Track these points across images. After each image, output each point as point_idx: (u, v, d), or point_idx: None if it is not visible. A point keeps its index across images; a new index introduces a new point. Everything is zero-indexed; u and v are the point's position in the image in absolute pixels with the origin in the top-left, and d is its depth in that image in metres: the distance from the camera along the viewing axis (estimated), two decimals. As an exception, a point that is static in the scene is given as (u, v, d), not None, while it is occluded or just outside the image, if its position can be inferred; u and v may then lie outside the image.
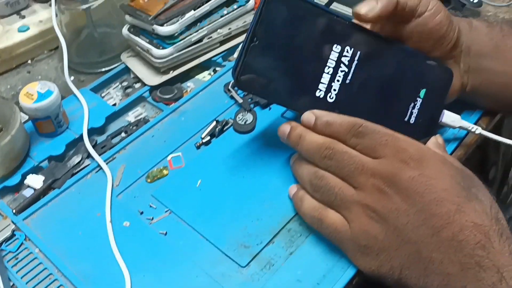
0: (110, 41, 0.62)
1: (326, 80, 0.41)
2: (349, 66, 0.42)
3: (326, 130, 0.39)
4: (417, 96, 0.43)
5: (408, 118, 0.43)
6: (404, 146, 0.36)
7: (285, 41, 0.40)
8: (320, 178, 0.38)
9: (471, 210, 0.33)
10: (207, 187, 0.46)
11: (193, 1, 0.59)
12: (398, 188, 0.35)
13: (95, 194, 0.46)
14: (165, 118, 0.53)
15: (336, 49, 0.41)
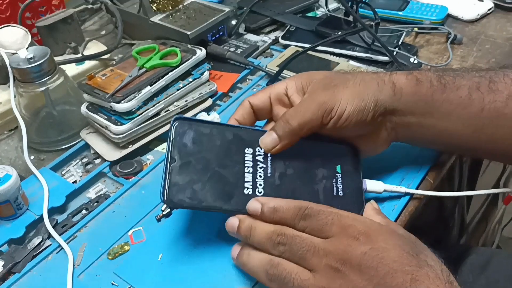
0: (69, 119, 0.64)
1: (250, 179, 0.44)
2: (265, 162, 0.45)
3: (274, 216, 0.40)
4: (336, 172, 0.47)
5: (337, 192, 0.46)
6: (350, 222, 0.38)
7: (201, 156, 0.44)
8: (275, 266, 0.39)
9: (425, 277, 0.35)
10: (169, 260, 0.46)
11: (149, 77, 0.61)
12: (351, 265, 0.36)
13: (56, 275, 0.46)
14: (125, 193, 0.54)
15: (248, 152, 0.45)
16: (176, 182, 0.43)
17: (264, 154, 0.46)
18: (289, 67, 0.67)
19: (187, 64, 0.64)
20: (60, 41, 0.74)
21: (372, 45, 0.71)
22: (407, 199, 0.50)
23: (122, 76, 0.62)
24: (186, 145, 0.44)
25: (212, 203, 0.43)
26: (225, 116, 0.63)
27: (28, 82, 0.59)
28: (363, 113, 0.45)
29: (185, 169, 0.43)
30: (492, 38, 0.78)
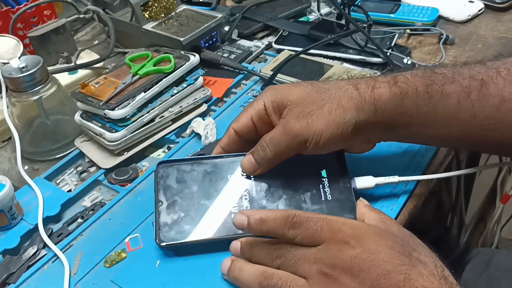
0: (63, 128, 0.63)
1: (236, 203, 0.46)
2: (249, 185, 0.47)
3: (262, 227, 0.40)
4: (321, 177, 0.47)
5: (325, 197, 0.46)
6: (339, 227, 0.38)
7: (186, 193, 0.47)
8: (270, 276, 0.39)
9: (419, 275, 0.34)
10: (167, 266, 0.46)
11: (143, 83, 0.61)
12: (343, 269, 0.36)
13: (52, 285, 0.45)
14: (121, 200, 0.53)
15: (231, 178, 0.48)
16: (164, 224, 0.45)
17: (246, 176, 0.48)
18: (283, 70, 0.67)
19: (180, 70, 0.64)
20: (52, 51, 0.74)
21: (365, 47, 0.71)
22: (405, 198, 0.50)
23: (116, 84, 0.62)
24: (170, 186, 0.48)
25: (203, 236, 0.44)
26: (220, 121, 0.63)
27: (20, 91, 0.58)
28: (341, 136, 0.44)
29: (172, 208, 0.46)
30: (483, 37, 0.79)
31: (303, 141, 0.44)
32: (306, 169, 0.48)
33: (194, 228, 0.45)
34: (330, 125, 0.44)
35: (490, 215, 0.93)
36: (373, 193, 0.50)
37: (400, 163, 0.54)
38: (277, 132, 0.45)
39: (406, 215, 0.49)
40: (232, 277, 0.42)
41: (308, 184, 0.47)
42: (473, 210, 0.96)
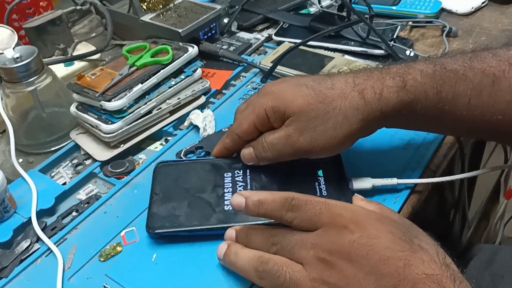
0: (59, 120, 0.62)
1: (230, 197, 0.46)
2: (244, 181, 0.48)
3: (259, 209, 0.39)
4: (317, 176, 0.47)
5: (320, 193, 0.46)
6: (338, 211, 0.36)
7: (182, 187, 0.48)
8: (266, 262, 0.37)
9: (419, 261, 0.33)
10: (163, 260, 0.44)
11: (140, 75, 0.60)
12: (341, 255, 0.35)
13: (45, 280, 0.44)
14: (117, 193, 0.52)
15: (227, 175, 0.48)
16: (156, 213, 0.45)
17: (243, 174, 0.48)
18: (283, 62, 0.66)
19: (179, 62, 0.63)
20: (48, 42, 0.72)
21: (367, 39, 0.70)
22: (408, 192, 0.49)
23: (113, 75, 0.61)
24: (167, 182, 0.48)
25: (194, 224, 0.44)
26: (219, 114, 0.61)
27: (15, 82, 0.57)
28: (345, 146, 0.44)
29: (166, 200, 0.46)
30: (487, 30, 0.77)
31: (306, 152, 0.44)
32: (303, 168, 0.48)
33: (186, 217, 0.45)
34: (335, 139, 0.43)
35: (494, 211, 0.92)
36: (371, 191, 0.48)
37: (402, 156, 0.52)
38: (280, 140, 0.44)
39: (410, 208, 0.48)
40: (227, 261, 0.41)
41: (303, 182, 0.47)
42: (476, 206, 0.95)
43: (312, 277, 0.35)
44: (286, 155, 0.45)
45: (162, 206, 0.46)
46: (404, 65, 0.44)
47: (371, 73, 0.44)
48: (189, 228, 0.44)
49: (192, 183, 0.48)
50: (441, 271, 0.33)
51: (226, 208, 0.45)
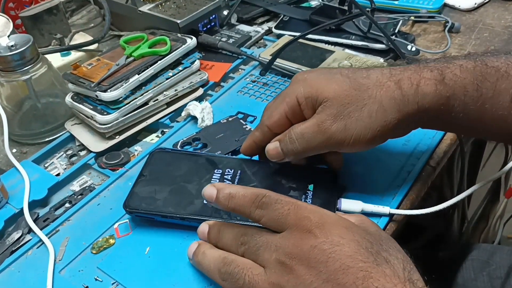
0: (54, 110, 0.61)
1: None
2: (232, 181, 0.47)
3: (229, 203, 0.38)
4: (307, 190, 0.46)
5: None
6: (306, 214, 0.35)
7: (170, 174, 0.47)
8: (229, 263, 0.37)
9: (380, 275, 0.32)
10: (156, 253, 0.43)
11: (137, 65, 0.59)
12: (300, 259, 0.33)
13: (36, 271, 0.43)
14: (111, 185, 0.51)
15: (217, 172, 0.48)
16: (137, 193, 0.46)
17: (233, 174, 0.47)
18: (283, 55, 0.65)
19: (177, 53, 0.62)
20: (45, 32, 0.72)
21: (368, 33, 0.69)
22: (408, 187, 0.48)
23: (109, 65, 0.60)
24: (158, 166, 0.49)
25: (169, 210, 0.44)
26: (217, 106, 0.60)
27: (9, 70, 0.56)
28: (380, 138, 0.42)
29: (150, 183, 0.47)
30: (490, 26, 0.76)
31: (338, 143, 0.42)
32: (294, 181, 0.47)
33: (164, 203, 0.45)
34: (370, 128, 0.41)
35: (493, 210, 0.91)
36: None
37: (403, 151, 0.51)
38: (310, 129, 0.42)
39: (409, 204, 0.47)
40: (195, 261, 0.40)
41: (291, 191, 0.46)
42: (475, 205, 0.94)
43: (271, 281, 0.34)
44: (315, 146, 0.42)
45: (145, 188, 0.46)
46: (443, 60, 0.42)
47: (407, 65, 0.43)
48: (163, 213, 0.44)
49: (181, 173, 0.48)
50: (403, 286, 0.31)
51: (205, 202, 0.43)
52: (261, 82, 0.65)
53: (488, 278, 0.68)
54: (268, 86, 0.64)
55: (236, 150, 0.53)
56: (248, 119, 0.58)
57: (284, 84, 0.64)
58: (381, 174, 0.49)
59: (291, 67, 0.64)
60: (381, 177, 0.49)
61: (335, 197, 0.45)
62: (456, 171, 0.75)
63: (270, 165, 0.48)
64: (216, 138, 0.55)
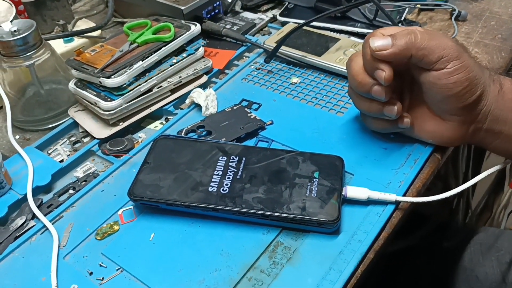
0: (57, 97, 0.60)
1: (217, 179, 0.45)
2: (237, 167, 0.46)
3: None
4: (313, 177, 0.45)
5: (310, 193, 0.44)
6: None
7: (174, 161, 0.47)
8: None
9: None
10: (161, 240, 0.43)
11: (141, 52, 0.58)
12: None
13: (40, 257, 0.43)
14: (115, 171, 0.51)
15: (222, 159, 0.47)
16: (142, 180, 0.45)
17: (238, 161, 0.47)
18: (288, 43, 0.64)
19: (181, 39, 0.61)
20: (48, 18, 0.71)
21: (374, 20, 0.68)
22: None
23: (113, 52, 0.59)
24: (162, 154, 0.48)
25: (173, 198, 0.44)
26: (221, 94, 0.60)
27: (12, 56, 0.55)
28: (470, 90, 0.43)
29: (155, 170, 0.46)
30: (497, 14, 0.75)
31: (451, 58, 0.42)
32: (300, 166, 0.46)
33: (168, 190, 0.44)
34: (473, 69, 0.43)
35: (497, 200, 0.91)
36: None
37: (410, 139, 0.51)
38: (437, 33, 0.44)
39: (415, 192, 0.47)
40: None
41: (297, 178, 0.45)
42: (479, 195, 0.93)
43: None
44: (436, 46, 0.43)
45: (149, 175, 0.46)
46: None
47: None
48: (168, 201, 0.44)
49: (186, 160, 0.47)
50: None
51: (210, 190, 0.44)
52: (266, 69, 0.64)
53: (497, 263, 0.68)
54: (272, 73, 0.63)
55: (241, 138, 0.53)
56: (253, 106, 0.58)
57: (289, 71, 0.63)
58: (387, 162, 0.49)
59: (296, 55, 0.64)
60: (387, 165, 0.49)
61: (341, 184, 0.45)
62: (462, 160, 0.75)
63: (275, 152, 0.48)
64: (221, 125, 0.54)
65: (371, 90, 0.45)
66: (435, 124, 0.48)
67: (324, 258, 0.41)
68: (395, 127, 0.49)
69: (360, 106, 0.48)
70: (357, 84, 0.46)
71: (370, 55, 0.44)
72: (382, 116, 0.47)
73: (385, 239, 0.44)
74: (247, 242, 0.43)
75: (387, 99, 0.45)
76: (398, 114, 0.46)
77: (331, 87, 0.60)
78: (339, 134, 0.53)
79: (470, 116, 0.45)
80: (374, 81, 0.45)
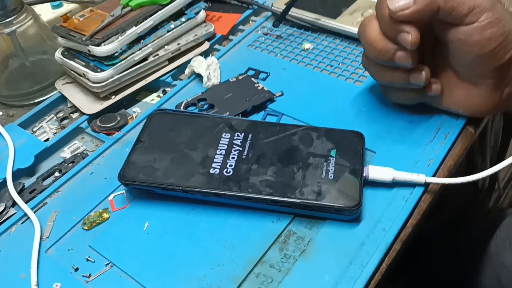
0: (43, 68, 0.55)
1: (220, 160, 0.40)
2: (242, 146, 0.41)
3: None
4: (329, 156, 0.40)
5: (326, 175, 0.38)
6: None
7: (172, 140, 0.42)
8: None
9: None
10: (156, 230, 0.38)
11: (135, 16, 0.52)
12: None
13: (20, 250, 0.38)
14: (106, 151, 0.45)
15: (226, 136, 0.42)
16: (134, 162, 0.40)
17: (244, 138, 0.42)
18: (299, 4, 0.57)
19: (179, 2, 0.54)
20: (34, -18, 0.64)
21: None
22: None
23: (103, 17, 0.53)
24: (158, 131, 0.43)
25: (170, 181, 0.38)
26: (224, 62, 0.54)
27: (-10, 23, 0.49)
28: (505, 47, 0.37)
29: (149, 150, 0.41)
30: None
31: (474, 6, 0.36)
32: (314, 144, 0.41)
33: (164, 173, 0.39)
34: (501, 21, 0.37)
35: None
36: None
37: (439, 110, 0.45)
38: None
39: (446, 172, 0.41)
40: None
41: (311, 158, 0.39)
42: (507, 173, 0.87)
43: None
44: None
45: (143, 156, 0.41)
46: None
47: None
48: (164, 185, 0.38)
49: (184, 138, 0.42)
50: None
51: (212, 172, 0.39)
52: (274, 34, 0.58)
53: None
54: (282, 39, 0.57)
55: (247, 112, 0.47)
56: (260, 76, 0.52)
57: (300, 36, 0.57)
58: (414, 137, 0.43)
59: (308, 18, 0.57)
60: (414, 141, 0.43)
61: (362, 164, 0.39)
62: (490, 135, 0.68)
63: (286, 128, 0.42)
64: (224, 98, 0.48)
65: (394, 57, 0.39)
66: (465, 91, 0.42)
67: (343, 251, 0.35)
68: (422, 97, 0.42)
69: (381, 77, 0.42)
70: (377, 53, 0.39)
71: (389, 17, 0.38)
72: (407, 85, 0.41)
73: (413, 227, 0.38)
74: (254, 232, 0.37)
75: (414, 65, 0.39)
76: (427, 81, 0.40)
77: (348, 53, 0.54)
78: (358, 106, 0.47)
79: (504, 78, 0.40)
80: (396, 46, 0.38)
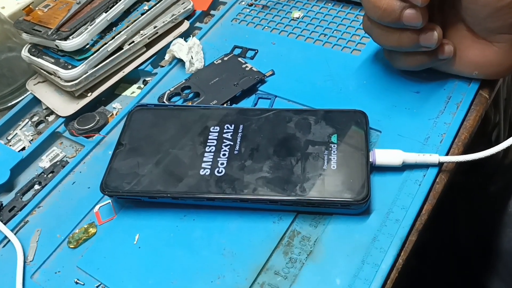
0: (12, 68, 0.50)
1: (210, 158, 0.36)
2: (233, 139, 0.37)
3: None
4: (330, 142, 0.35)
5: (328, 165, 0.34)
6: None
7: (155, 139, 0.38)
8: None
9: None
10: (148, 242, 0.35)
11: (103, 2, 0.47)
12: None
13: (3, 278, 0.35)
14: (87, 156, 0.41)
15: (214, 130, 0.38)
16: (116, 169, 0.37)
17: (234, 130, 0.38)
18: (284, -32, 0.52)
19: (151, -20, 0.49)
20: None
21: None
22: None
23: (69, 5, 0.48)
24: (140, 130, 0.39)
25: (157, 188, 0.35)
26: (207, 42, 0.49)
27: None
28: None
29: (132, 153, 0.38)
30: None
31: None
32: (312, 131, 0.37)
33: (150, 179, 0.35)
34: None
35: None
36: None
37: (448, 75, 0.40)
38: None
39: (461, 147, 0.37)
40: None
41: (309, 148, 0.36)
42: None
43: None
44: None
45: (125, 161, 0.37)
46: None
47: None
48: (150, 193, 0.35)
49: (169, 136, 0.38)
50: None
51: (202, 173, 0.35)
52: (260, 4, 0.53)
53: None
54: (268, 9, 0.52)
55: (237, 97, 0.43)
56: (248, 54, 0.47)
57: (288, 4, 0.52)
58: (422, 110, 0.39)
59: None
60: (423, 114, 0.39)
61: (367, 148, 0.35)
62: (502, 88, 0.64)
63: (280, 114, 0.38)
64: (210, 84, 0.44)
65: (401, 17, 0.34)
66: (480, 49, 0.37)
67: (353, 249, 0.32)
68: (434, 60, 0.38)
69: (386, 41, 0.37)
70: (382, 13, 0.35)
71: None
72: (416, 48, 0.37)
73: (429, 213, 0.34)
74: (255, 235, 0.34)
75: (424, 24, 0.35)
76: (439, 42, 0.36)
77: (342, 19, 0.49)
78: (358, 79, 0.43)
79: None
80: (404, 4, 0.34)
